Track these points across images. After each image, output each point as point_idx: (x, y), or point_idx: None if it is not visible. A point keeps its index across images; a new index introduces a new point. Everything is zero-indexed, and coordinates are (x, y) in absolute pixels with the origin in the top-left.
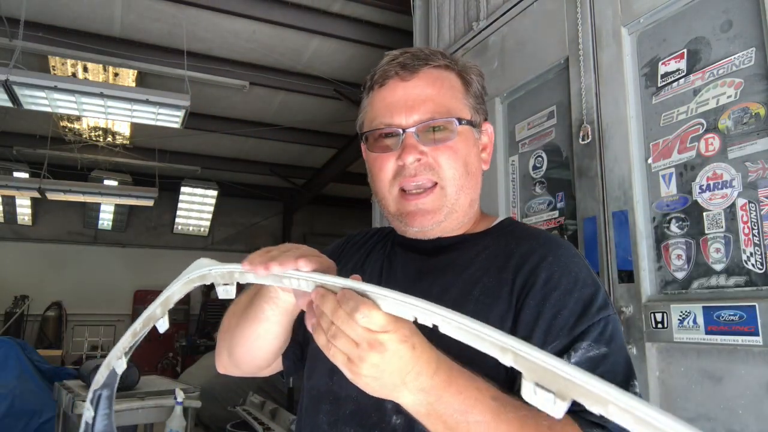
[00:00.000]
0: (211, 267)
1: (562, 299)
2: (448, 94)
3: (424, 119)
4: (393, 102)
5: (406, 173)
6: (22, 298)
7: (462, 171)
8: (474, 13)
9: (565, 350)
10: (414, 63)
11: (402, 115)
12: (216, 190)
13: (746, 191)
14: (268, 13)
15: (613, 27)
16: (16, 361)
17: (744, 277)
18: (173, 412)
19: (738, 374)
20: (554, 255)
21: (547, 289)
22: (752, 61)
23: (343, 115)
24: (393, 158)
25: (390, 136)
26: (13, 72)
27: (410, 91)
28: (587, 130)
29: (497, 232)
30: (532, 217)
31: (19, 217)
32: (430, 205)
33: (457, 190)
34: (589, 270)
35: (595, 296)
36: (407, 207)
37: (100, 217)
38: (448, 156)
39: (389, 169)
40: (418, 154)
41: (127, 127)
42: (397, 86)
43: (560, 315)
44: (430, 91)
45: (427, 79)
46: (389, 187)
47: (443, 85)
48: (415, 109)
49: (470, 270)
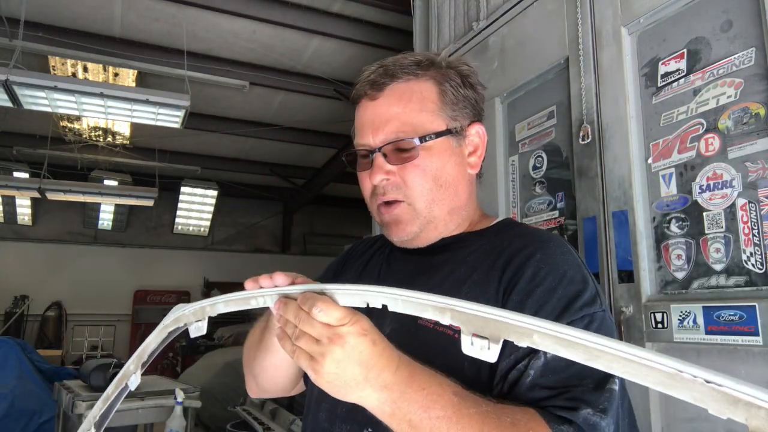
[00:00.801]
0: (184, 307)
1: (545, 295)
2: (416, 109)
3: (389, 139)
4: (363, 122)
5: (377, 192)
6: (22, 298)
7: (431, 186)
8: (474, 13)
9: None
10: (381, 80)
11: (369, 136)
12: (216, 190)
13: (746, 191)
14: (268, 13)
15: (613, 27)
16: (16, 361)
17: (744, 277)
18: (173, 412)
19: (738, 374)
20: (543, 252)
21: (531, 286)
22: (752, 61)
23: (343, 115)
24: (368, 176)
25: (363, 156)
26: (13, 72)
27: (376, 110)
28: (587, 130)
29: (494, 232)
30: (532, 217)
31: (19, 217)
32: (401, 216)
33: (428, 204)
34: (579, 268)
35: (581, 293)
36: (384, 217)
37: (100, 217)
38: (414, 174)
39: (367, 187)
40: (385, 174)
41: (127, 127)
42: (367, 106)
43: (541, 311)
44: (395, 110)
45: (392, 96)
46: (371, 203)
47: (411, 99)
48: (380, 130)
49: (462, 268)
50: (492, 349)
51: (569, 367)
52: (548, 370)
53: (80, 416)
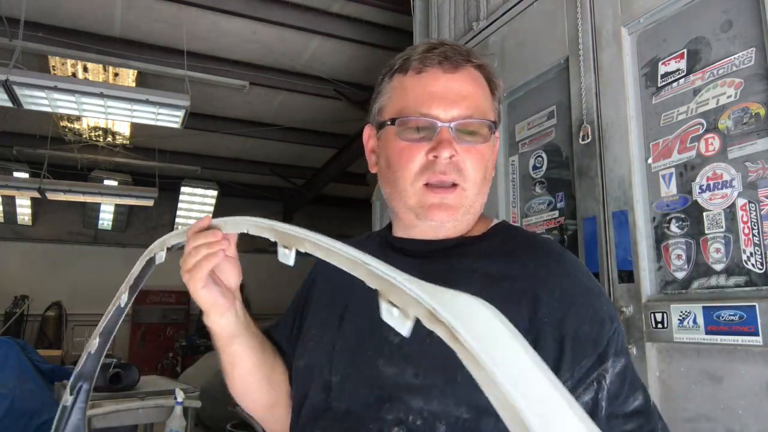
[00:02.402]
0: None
1: (580, 314)
2: (483, 96)
3: (463, 116)
4: (434, 92)
5: (436, 168)
6: (22, 298)
7: (482, 176)
8: (474, 13)
9: (595, 368)
10: (456, 57)
11: (441, 108)
12: (216, 190)
13: (746, 191)
14: (268, 13)
15: (613, 27)
16: (16, 361)
17: (744, 277)
18: (173, 412)
19: (738, 374)
20: (563, 267)
21: (564, 305)
22: (752, 61)
23: (343, 115)
24: (423, 151)
25: (423, 128)
26: (13, 72)
27: (452, 84)
28: (587, 130)
29: (495, 237)
30: (532, 217)
31: (19, 217)
32: (453, 201)
33: (475, 195)
34: (592, 276)
35: (606, 305)
36: (430, 199)
37: (100, 217)
38: (475, 159)
39: (418, 161)
40: (453, 151)
41: (127, 127)
42: (438, 76)
43: (582, 331)
44: (470, 89)
45: (468, 76)
46: (413, 180)
47: (479, 85)
48: (456, 105)
49: (473, 277)
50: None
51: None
52: (612, 396)
53: None
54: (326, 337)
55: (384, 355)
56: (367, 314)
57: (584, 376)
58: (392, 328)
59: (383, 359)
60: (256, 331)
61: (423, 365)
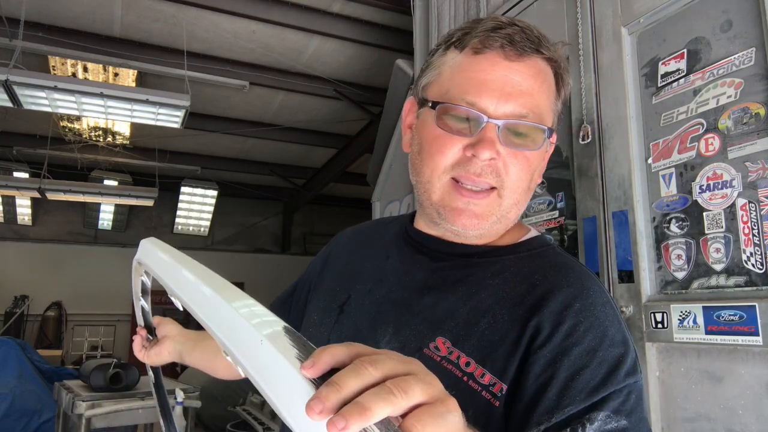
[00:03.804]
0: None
1: (584, 357)
2: (545, 95)
3: (516, 115)
4: (488, 80)
5: (470, 168)
6: (22, 298)
7: (525, 186)
8: (474, 13)
9: (578, 417)
10: (524, 44)
11: (494, 100)
12: (216, 190)
13: (746, 191)
14: (268, 13)
15: (613, 27)
16: (16, 361)
17: (744, 277)
18: (173, 412)
19: (738, 374)
20: (584, 300)
21: (568, 343)
22: (752, 61)
23: (343, 115)
24: (461, 144)
25: (467, 119)
26: (13, 72)
27: (512, 75)
28: (587, 130)
29: (523, 251)
30: (532, 217)
31: (19, 217)
32: (483, 208)
33: (512, 204)
34: (620, 323)
35: (624, 358)
36: (456, 202)
37: (100, 217)
38: (522, 167)
39: (451, 155)
40: (494, 154)
41: (127, 127)
42: (498, 62)
43: (580, 376)
44: (532, 84)
45: (533, 68)
46: (441, 173)
47: (545, 81)
48: (511, 99)
49: (482, 294)
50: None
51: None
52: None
53: (80, 416)
54: (323, 328)
55: None
56: (367, 314)
57: (563, 422)
58: (386, 335)
59: None
60: (197, 337)
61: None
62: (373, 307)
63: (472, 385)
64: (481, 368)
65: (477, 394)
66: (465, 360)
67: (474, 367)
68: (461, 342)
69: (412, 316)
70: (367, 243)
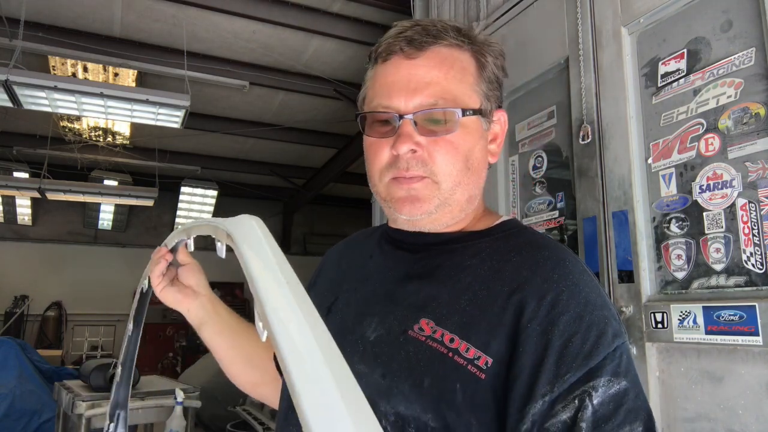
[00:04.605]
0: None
1: (573, 324)
2: (456, 78)
3: (425, 105)
4: (394, 81)
5: (399, 165)
6: (22, 298)
7: (461, 167)
8: (474, 13)
9: (580, 385)
10: (422, 39)
11: (401, 98)
12: (216, 190)
13: (746, 191)
14: (268, 13)
15: (613, 27)
16: (16, 361)
17: (744, 277)
18: (173, 412)
19: (738, 374)
20: (560, 271)
21: (554, 313)
22: (752, 61)
23: (343, 115)
24: (388, 146)
25: (386, 121)
26: (13, 72)
27: (414, 71)
28: (587, 130)
29: (497, 234)
30: (532, 217)
31: (19, 217)
32: (421, 191)
33: (453, 186)
34: (599, 289)
35: (609, 320)
36: (398, 192)
37: (100, 217)
38: (446, 151)
39: (383, 158)
40: (413, 145)
41: (127, 127)
42: (400, 64)
43: (572, 342)
44: (436, 74)
45: (435, 58)
46: (381, 176)
47: (453, 66)
48: (417, 93)
49: (461, 276)
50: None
51: (617, 411)
52: (599, 420)
53: (80, 416)
54: None
55: (358, 352)
56: (354, 310)
57: (566, 392)
58: (372, 324)
59: (357, 356)
60: (229, 318)
61: (391, 367)
62: (359, 303)
63: (458, 360)
64: (466, 343)
65: (463, 368)
66: (449, 337)
67: (458, 342)
68: (444, 321)
69: (396, 304)
70: (354, 250)
